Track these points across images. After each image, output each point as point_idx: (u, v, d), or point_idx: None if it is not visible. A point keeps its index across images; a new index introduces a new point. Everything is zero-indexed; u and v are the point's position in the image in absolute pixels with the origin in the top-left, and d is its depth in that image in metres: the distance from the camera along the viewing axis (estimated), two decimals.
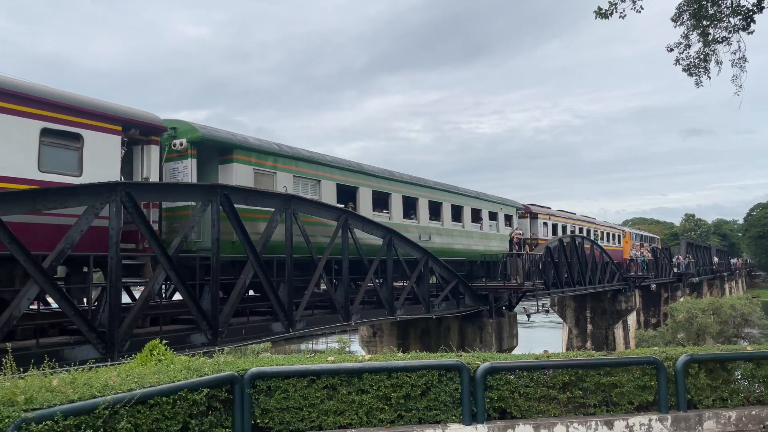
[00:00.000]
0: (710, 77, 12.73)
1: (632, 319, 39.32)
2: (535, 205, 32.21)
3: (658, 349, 8.78)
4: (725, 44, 12.37)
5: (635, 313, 40.01)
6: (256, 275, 11.70)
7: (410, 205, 20.23)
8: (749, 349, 8.69)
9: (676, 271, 47.82)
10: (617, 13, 12.00)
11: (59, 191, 8.82)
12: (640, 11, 12.01)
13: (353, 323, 15.08)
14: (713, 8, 12.05)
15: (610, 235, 41.90)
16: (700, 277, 56.50)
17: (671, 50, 12.92)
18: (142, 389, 5.36)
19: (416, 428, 6.85)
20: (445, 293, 18.28)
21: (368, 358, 7.44)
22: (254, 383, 6.50)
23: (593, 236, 36.63)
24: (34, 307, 9.54)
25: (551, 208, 35.04)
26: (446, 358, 7.31)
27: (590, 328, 36.22)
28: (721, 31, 12.30)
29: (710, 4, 12.02)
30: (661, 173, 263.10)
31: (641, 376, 7.68)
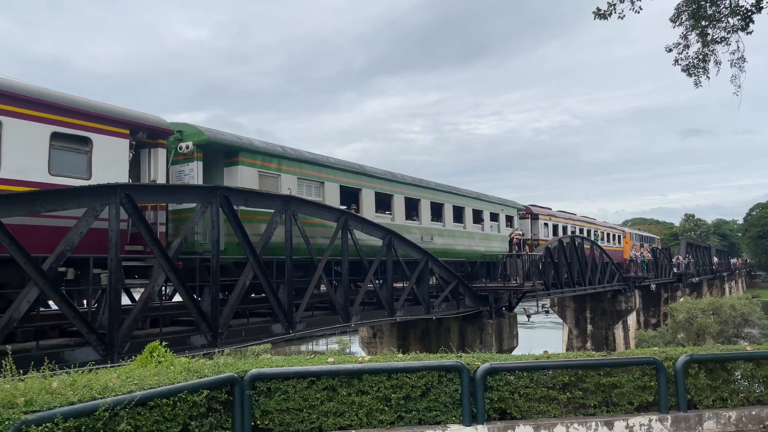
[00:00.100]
0: (709, 77, 12.75)
1: (632, 319, 39.32)
2: (535, 205, 32.27)
3: (658, 349, 8.77)
4: (724, 44, 12.37)
5: (635, 313, 40.03)
6: (255, 276, 11.71)
7: (413, 206, 20.26)
8: (749, 349, 8.68)
9: (675, 271, 47.84)
10: (616, 13, 12.00)
11: (58, 193, 8.82)
12: (638, 12, 12.01)
13: (353, 324, 15.07)
14: (712, 8, 12.05)
15: (610, 235, 41.94)
16: (699, 277, 56.50)
17: (670, 50, 12.93)
18: (142, 391, 5.37)
19: (416, 429, 6.85)
20: (445, 294, 18.28)
21: (368, 359, 7.43)
22: (254, 385, 6.49)
23: (593, 237, 36.64)
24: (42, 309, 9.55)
25: (552, 208, 35.07)
26: (446, 359, 7.31)
27: (590, 328, 36.22)
28: (719, 31, 12.30)
29: (709, 4, 12.02)
30: (660, 173, 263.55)
31: (641, 376, 7.67)
